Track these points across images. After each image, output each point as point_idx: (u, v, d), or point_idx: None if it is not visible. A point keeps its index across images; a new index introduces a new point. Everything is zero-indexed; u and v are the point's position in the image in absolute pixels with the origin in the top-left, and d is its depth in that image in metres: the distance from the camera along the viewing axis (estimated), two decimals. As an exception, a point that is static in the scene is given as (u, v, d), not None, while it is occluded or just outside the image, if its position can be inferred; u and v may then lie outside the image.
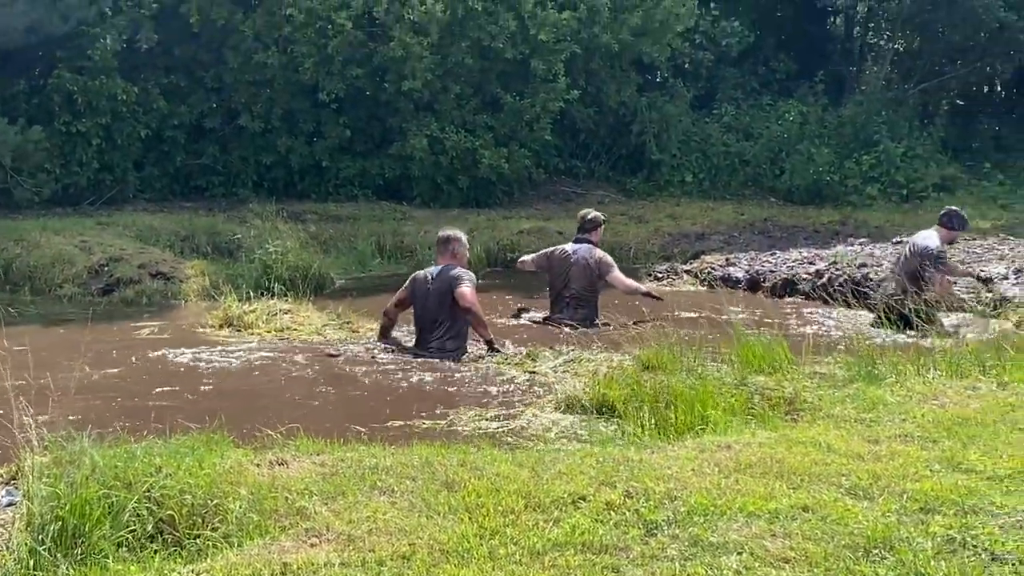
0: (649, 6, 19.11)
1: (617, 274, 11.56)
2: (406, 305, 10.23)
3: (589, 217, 11.83)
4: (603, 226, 11.93)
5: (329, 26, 17.10)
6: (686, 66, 21.42)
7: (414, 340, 10.13)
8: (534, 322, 11.56)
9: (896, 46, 23.11)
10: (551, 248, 12.07)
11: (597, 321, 11.30)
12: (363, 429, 7.25)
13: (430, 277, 10.02)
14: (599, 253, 11.60)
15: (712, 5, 21.31)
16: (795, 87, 21.99)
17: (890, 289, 10.80)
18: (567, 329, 10.81)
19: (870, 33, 24.37)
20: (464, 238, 10.37)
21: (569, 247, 11.73)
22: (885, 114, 20.66)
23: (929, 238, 10.99)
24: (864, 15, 23.31)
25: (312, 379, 8.94)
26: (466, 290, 9.75)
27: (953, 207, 11.40)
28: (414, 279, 10.18)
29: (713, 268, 14.23)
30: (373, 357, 9.67)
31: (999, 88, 24.09)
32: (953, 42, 22.01)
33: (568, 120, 19.73)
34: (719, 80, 21.94)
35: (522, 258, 12.56)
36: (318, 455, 5.85)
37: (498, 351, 9.69)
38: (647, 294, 11.79)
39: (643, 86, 20.70)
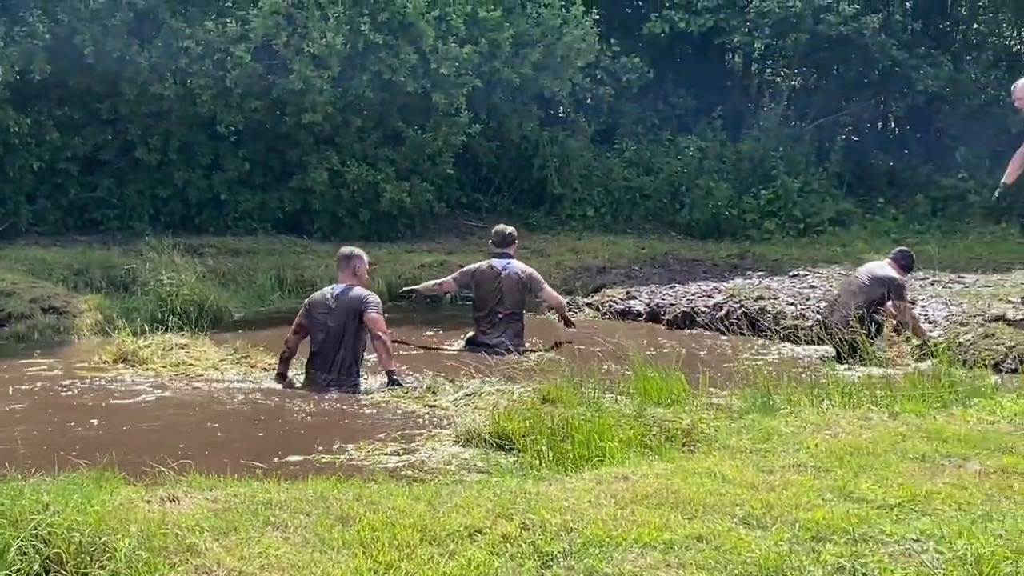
0: (550, 41, 19.23)
1: (548, 289, 11.99)
2: (305, 332, 10.16)
3: (508, 231, 12.11)
4: (515, 244, 12.19)
5: (227, 58, 16.98)
6: (587, 101, 21.56)
7: (310, 362, 10.06)
8: (469, 344, 11.70)
9: (793, 83, 23.49)
10: (473, 265, 12.27)
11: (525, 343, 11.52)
12: (259, 464, 7.18)
13: (330, 296, 9.99)
14: (529, 268, 11.95)
15: (612, 41, 21.48)
16: (694, 123, 22.23)
17: (837, 318, 10.93)
18: (513, 355, 10.86)
19: (767, 70, 24.74)
20: (365, 256, 10.35)
21: (496, 263, 11.91)
22: (782, 150, 20.95)
23: (887, 269, 11.19)
24: (761, 52, 23.65)
25: (208, 414, 8.83)
26: (376, 315, 9.77)
27: (905, 248, 11.62)
28: (311, 303, 10.15)
29: (614, 301, 14.31)
30: (272, 389, 9.59)
31: (892, 125, 24.56)
32: (848, 79, 22.40)
33: (470, 154, 19.77)
34: (620, 115, 22.12)
35: (434, 281, 12.59)
36: (210, 491, 5.76)
37: (398, 384, 9.62)
38: (564, 317, 12.01)
39: (545, 120, 20.83)
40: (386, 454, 7.63)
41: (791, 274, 14.71)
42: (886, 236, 16.88)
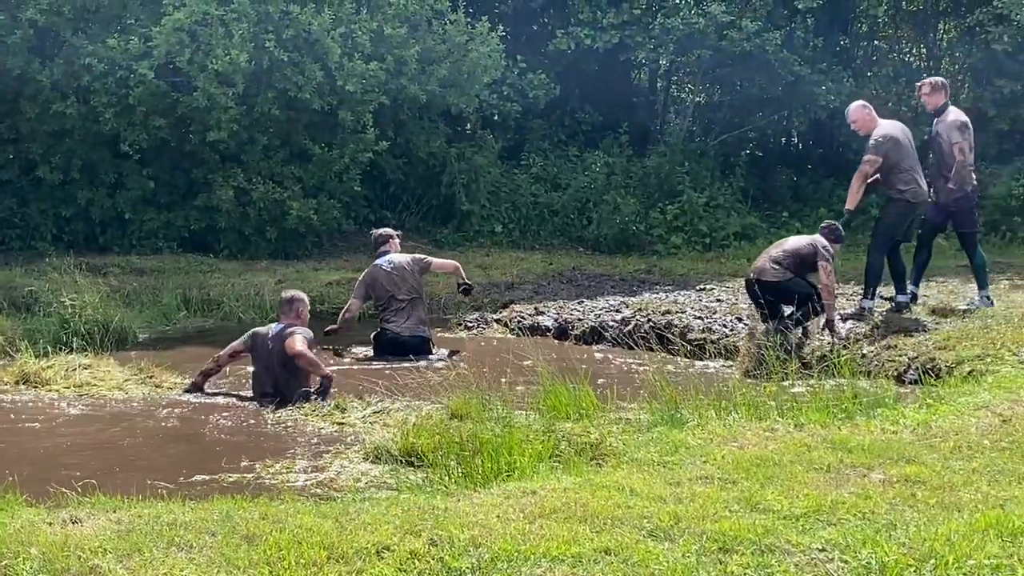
0: (456, 58, 19.24)
1: (437, 260, 12.89)
2: (238, 358, 10.44)
3: (377, 234, 13.04)
4: (395, 239, 12.95)
5: (130, 76, 16.80)
6: (494, 117, 21.60)
7: (253, 383, 10.25)
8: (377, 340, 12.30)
9: (698, 99, 23.70)
10: (361, 276, 12.97)
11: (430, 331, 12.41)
12: (165, 484, 7.10)
13: (270, 334, 10.21)
14: (411, 255, 12.72)
15: (519, 58, 21.52)
16: (601, 138, 22.34)
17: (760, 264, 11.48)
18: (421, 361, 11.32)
19: (673, 86, 24.95)
20: (306, 298, 10.76)
21: (380, 262, 12.62)
22: (688, 165, 21.13)
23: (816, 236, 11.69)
24: (666, 68, 23.85)
25: (113, 434, 8.72)
26: (293, 340, 9.93)
27: (834, 222, 11.91)
28: (254, 334, 10.36)
29: (522, 317, 14.32)
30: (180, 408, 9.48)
31: (795, 140, 24.88)
32: (751, 95, 22.68)
33: (378, 171, 19.71)
34: (527, 131, 22.18)
35: (344, 316, 12.69)
36: (114, 512, 5.68)
37: (324, 393, 9.82)
38: (462, 277, 12.95)
39: (452, 137, 20.81)
40: (294, 472, 7.58)
41: (698, 288, 14.83)
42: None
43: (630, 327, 13.07)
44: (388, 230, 13.23)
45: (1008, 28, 19.54)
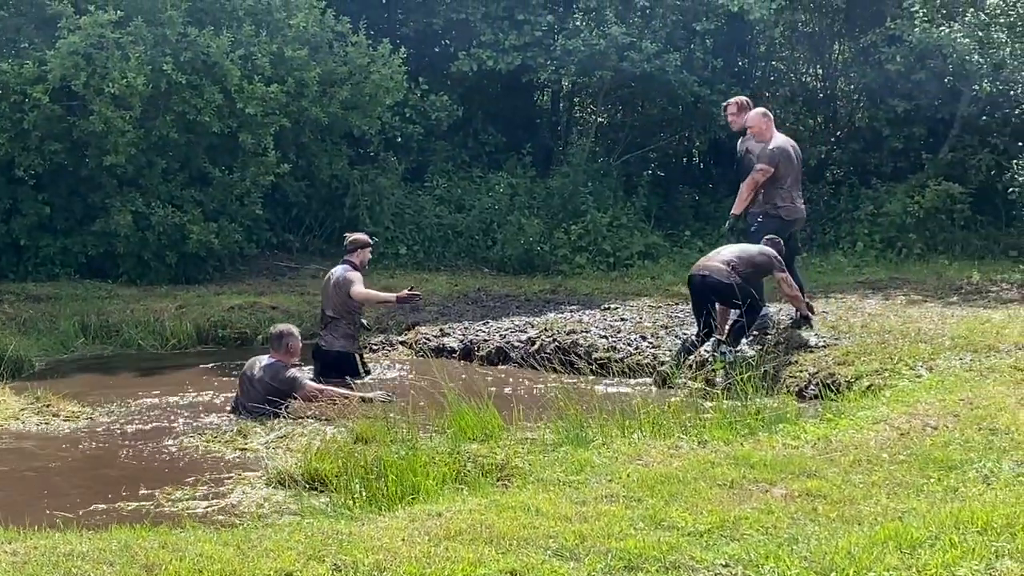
0: (358, 80, 19.17)
1: (356, 289, 12.04)
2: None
3: (350, 239, 12.58)
4: (368, 248, 12.58)
5: (25, 100, 16.53)
6: (397, 139, 21.54)
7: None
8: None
9: (600, 119, 23.81)
10: None
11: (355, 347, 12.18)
12: (64, 514, 6.98)
13: (258, 366, 10.58)
14: (349, 272, 12.13)
15: (421, 79, 21.48)
16: (504, 159, 22.36)
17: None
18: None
19: (575, 107, 25.06)
20: (296, 331, 11.04)
21: (333, 269, 12.42)
22: (591, 185, 21.20)
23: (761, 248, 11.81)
24: (568, 90, 23.95)
25: (8, 464, 8.55)
26: (306, 393, 10.42)
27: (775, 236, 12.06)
28: (246, 366, 10.78)
29: (428, 339, 14.29)
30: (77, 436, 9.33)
31: (696, 159, 25.08)
32: (652, 116, 22.83)
33: (280, 194, 19.55)
34: (430, 153, 22.14)
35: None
36: (10, 544, 5.58)
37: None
38: (400, 299, 12.30)
39: (355, 159, 20.71)
40: (195, 499, 7.50)
41: (603, 307, 14.89)
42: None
43: (536, 347, 13.10)
44: (358, 237, 12.67)
45: (900, 49, 19.88)
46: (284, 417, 9.95)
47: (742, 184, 12.35)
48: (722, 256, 11.63)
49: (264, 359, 10.72)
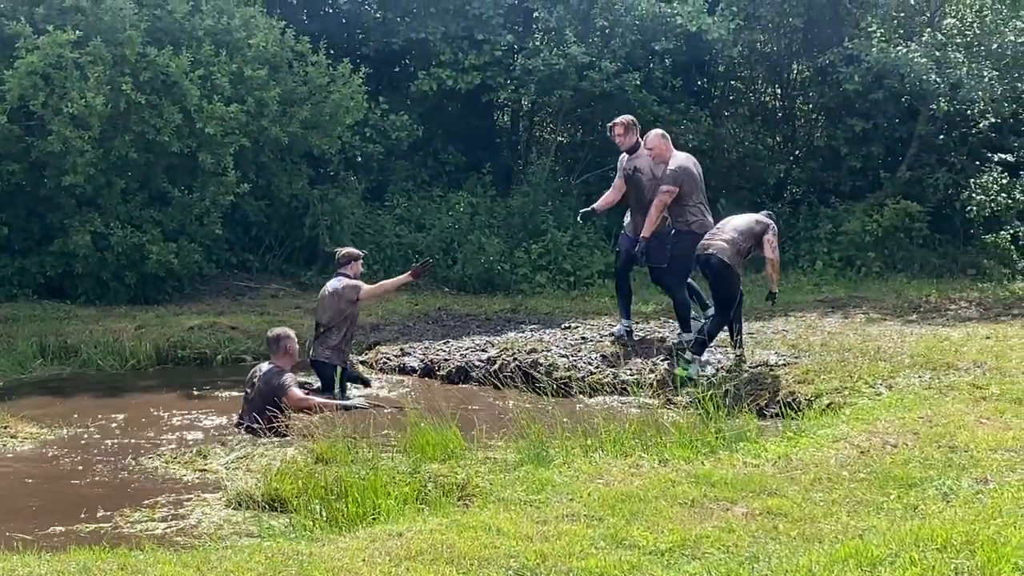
0: (318, 99, 19.15)
1: (366, 289, 12.52)
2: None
3: (341, 253, 12.81)
4: (359, 261, 12.78)
5: (-18, 120, 16.44)
6: (357, 158, 21.50)
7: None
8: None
9: (560, 138, 23.87)
10: None
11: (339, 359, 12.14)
12: (22, 536, 6.92)
13: (259, 373, 10.83)
14: (351, 281, 12.39)
15: (381, 99, 21.49)
16: (464, 179, 22.38)
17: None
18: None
19: (535, 126, 25.11)
20: (293, 334, 11.30)
21: (328, 283, 12.58)
22: (551, 204, 21.25)
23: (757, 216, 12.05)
24: (528, 109, 24.01)
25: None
26: (291, 395, 10.58)
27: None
28: (251, 372, 11.10)
29: (388, 358, 14.27)
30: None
31: (656, 178, 25.15)
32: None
33: (239, 213, 19.48)
34: (390, 172, 22.12)
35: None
36: (-34, 568, 5.52)
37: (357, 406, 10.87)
38: (415, 274, 13.09)
39: (315, 179, 20.66)
40: (154, 521, 7.45)
41: (563, 326, 14.88)
42: (653, 288, 17.21)
43: (496, 366, 13.10)
44: (350, 251, 12.90)
45: (858, 68, 20.03)
46: (281, 429, 10.02)
47: (652, 206, 12.46)
48: (724, 233, 11.73)
49: (264, 366, 11.00)
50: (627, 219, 13.51)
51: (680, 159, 12.57)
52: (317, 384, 12.01)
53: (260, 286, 19.18)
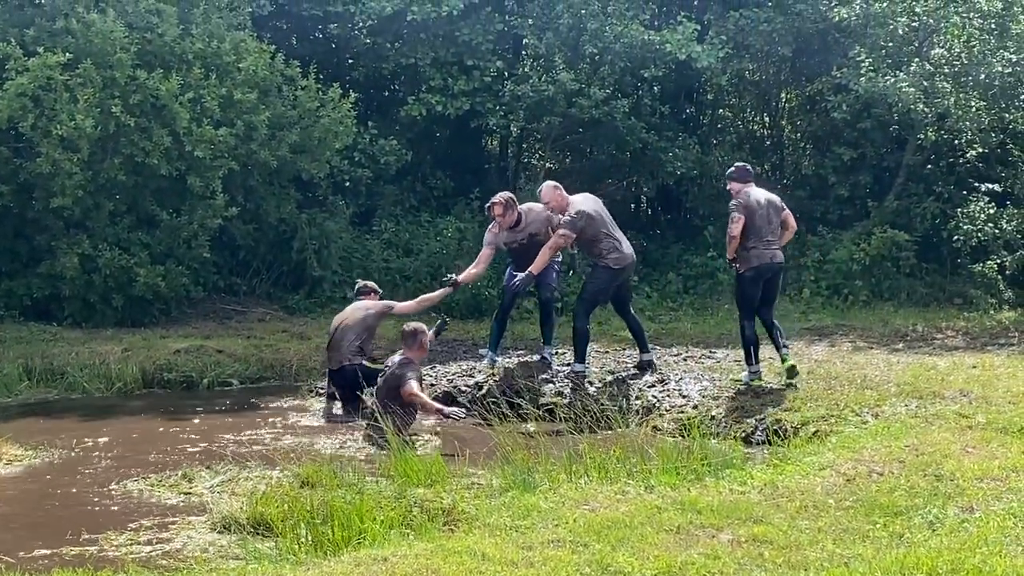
0: (307, 124, 19.16)
1: (399, 306, 13.56)
2: None
3: (359, 285, 13.95)
4: (378, 295, 13.74)
5: (-30, 141, 16.43)
6: (346, 183, 21.51)
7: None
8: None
9: (548, 165, 23.91)
10: None
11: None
12: (7, 559, 6.89)
13: (392, 364, 11.62)
14: (379, 303, 13.34)
15: (370, 124, 21.52)
16: (453, 204, 22.37)
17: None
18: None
19: (524, 152, 25.15)
20: (426, 329, 12.14)
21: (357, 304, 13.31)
22: (539, 230, 21.26)
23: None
24: (517, 135, 24.04)
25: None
26: (407, 387, 11.12)
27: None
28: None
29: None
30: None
31: (644, 205, 25.19)
32: (600, 161, 22.95)
33: (227, 237, 19.45)
34: (378, 197, 22.11)
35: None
36: (-52, 590, 5.49)
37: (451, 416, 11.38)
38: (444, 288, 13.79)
39: (303, 203, 20.64)
40: (139, 544, 7.42)
41: (551, 353, 14.86)
42: (641, 313, 17.22)
43: (483, 392, 13.08)
44: (368, 283, 14.14)
45: (847, 97, 20.12)
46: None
47: (545, 248, 12.74)
48: (774, 230, 12.09)
49: (397, 356, 11.78)
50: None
51: (578, 204, 12.74)
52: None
53: (247, 310, 19.15)
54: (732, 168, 12.40)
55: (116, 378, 14.61)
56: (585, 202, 12.79)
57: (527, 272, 12.74)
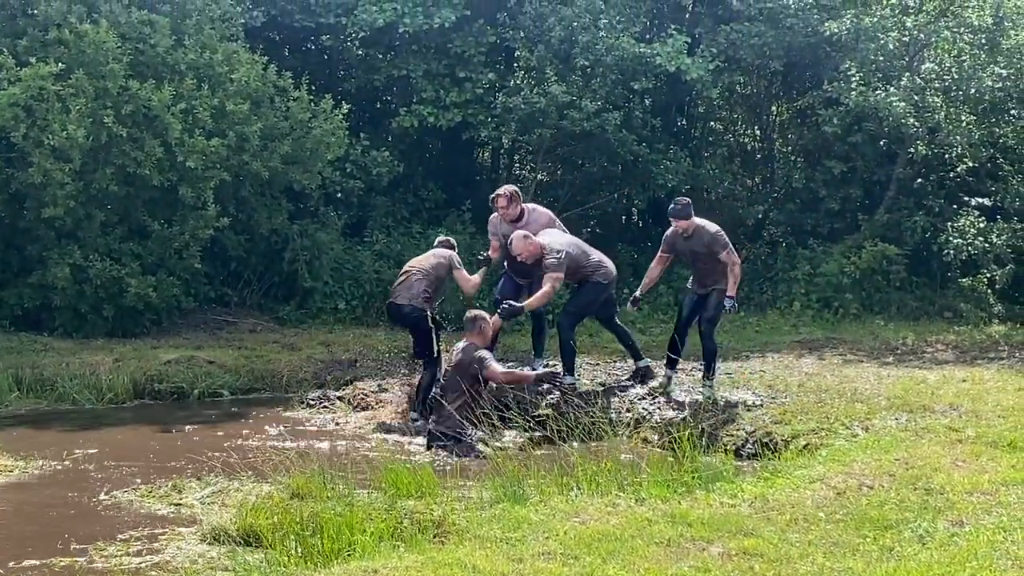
0: (299, 135, 19.15)
1: (462, 273, 14.03)
2: None
3: (440, 239, 14.62)
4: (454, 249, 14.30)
5: (-39, 151, 16.41)
6: (338, 194, 21.50)
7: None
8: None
9: (540, 177, 23.92)
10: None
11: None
12: (-6, 572, 6.87)
13: (456, 352, 12.15)
14: (450, 255, 13.92)
15: (362, 135, 21.52)
16: (444, 216, 22.36)
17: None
18: None
19: (515, 164, 25.17)
20: (487, 316, 12.55)
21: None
22: (530, 242, 21.25)
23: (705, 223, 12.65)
24: (509, 147, 24.06)
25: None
26: (488, 370, 11.86)
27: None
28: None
29: (366, 394, 14.24)
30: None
31: (635, 218, 25.21)
32: (592, 174, 22.95)
33: (219, 248, 19.43)
34: (370, 208, 22.10)
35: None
36: (-63, 601, 5.48)
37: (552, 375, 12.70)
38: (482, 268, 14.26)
39: (295, 214, 20.64)
40: (128, 555, 7.41)
41: (543, 364, 14.86)
42: (631, 326, 17.23)
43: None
44: (449, 240, 14.77)
45: (837, 111, 20.17)
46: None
47: (543, 292, 12.75)
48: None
49: (461, 344, 12.23)
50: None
51: (552, 245, 12.76)
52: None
53: (238, 320, 19.13)
54: (680, 206, 12.62)
55: (107, 388, 14.59)
56: (555, 238, 12.87)
57: (520, 305, 12.79)
